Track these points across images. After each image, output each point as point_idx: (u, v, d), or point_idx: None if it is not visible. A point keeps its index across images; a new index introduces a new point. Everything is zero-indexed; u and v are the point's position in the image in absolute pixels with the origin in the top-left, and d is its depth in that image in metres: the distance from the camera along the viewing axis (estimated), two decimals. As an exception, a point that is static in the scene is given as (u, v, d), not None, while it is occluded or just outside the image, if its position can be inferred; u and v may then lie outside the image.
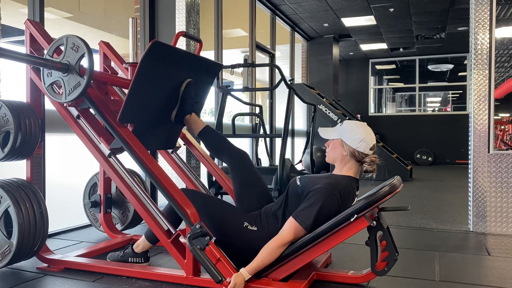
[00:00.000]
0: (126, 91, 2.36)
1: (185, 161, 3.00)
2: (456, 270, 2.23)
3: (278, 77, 5.28)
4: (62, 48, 1.96)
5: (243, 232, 1.95)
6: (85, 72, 1.88)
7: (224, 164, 4.70)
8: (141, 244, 2.18)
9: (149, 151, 2.10)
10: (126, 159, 2.23)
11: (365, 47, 9.79)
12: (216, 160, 4.86)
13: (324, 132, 2.00)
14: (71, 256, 2.26)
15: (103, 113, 2.03)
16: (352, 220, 1.73)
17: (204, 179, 3.20)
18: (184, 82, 2.20)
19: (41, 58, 1.91)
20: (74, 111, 2.18)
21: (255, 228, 1.95)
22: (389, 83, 12.35)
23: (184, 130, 2.68)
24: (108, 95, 2.54)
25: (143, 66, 1.94)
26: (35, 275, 2.11)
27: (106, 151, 2.10)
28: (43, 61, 1.89)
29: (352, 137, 1.88)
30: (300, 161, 5.27)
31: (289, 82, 3.49)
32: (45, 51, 2.00)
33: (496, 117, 3.10)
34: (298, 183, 1.92)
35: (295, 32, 8.23)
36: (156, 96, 2.10)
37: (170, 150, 2.66)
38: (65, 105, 2.15)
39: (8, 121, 2.07)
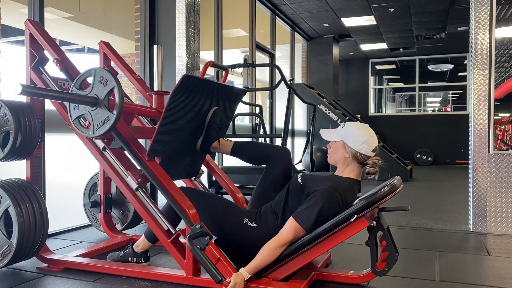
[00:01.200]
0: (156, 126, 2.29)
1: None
2: (456, 270, 2.23)
3: (278, 77, 5.28)
4: (90, 80, 1.89)
5: (243, 228, 1.95)
6: (114, 106, 1.83)
7: (225, 164, 4.70)
8: (141, 244, 2.18)
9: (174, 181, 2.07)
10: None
11: (365, 47, 9.79)
12: (216, 160, 4.86)
13: (326, 133, 2.00)
14: (71, 256, 2.26)
15: (133, 150, 1.98)
16: (352, 220, 1.73)
17: (204, 179, 3.19)
18: (210, 111, 2.16)
19: (68, 93, 1.84)
20: (100, 144, 2.13)
21: (255, 225, 1.94)
22: (389, 83, 12.35)
23: (208, 157, 2.61)
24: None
25: (173, 99, 1.89)
26: (35, 275, 2.11)
27: (134, 185, 2.05)
28: (71, 96, 1.83)
29: (354, 139, 1.88)
30: (300, 161, 5.27)
31: (289, 82, 3.49)
32: (72, 84, 1.92)
33: (496, 117, 3.10)
34: (299, 181, 1.92)
35: (295, 32, 8.23)
36: (183, 127, 2.05)
37: (193, 178, 2.61)
38: (91, 138, 2.09)
39: (8, 121, 2.07)
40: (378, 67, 11.47)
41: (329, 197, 1.79)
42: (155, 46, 2.31)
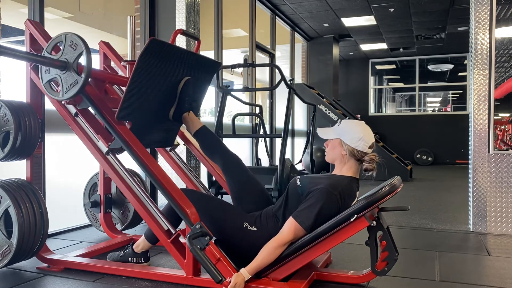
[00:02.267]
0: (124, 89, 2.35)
1: (185, 161, 3.00)
2: (456, 270, 2.23)
3: (278, 77, 5.27)
4: (61, 46, 1.96)
5: (243, 232, 1.95)
6: (83, 70, 1.88)
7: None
8: (141, 244, 2.18)
9: (147, 149, 2.10)
10: (126, 160, 2.23)
11: (365, 47, 9.79)
12: (216, 160, 4.86)
13: (322, 132, 2.00)
14: (71, 256, 2.26)
15: (101, 111, 2.03)
16: (352, 220, 1.73)
17: (204, 179, 3.19)
18: (182, 80, 2.20)
19: (39, 56, 1.91)
20: (72, 109, 2.17)
21: (255, 229, 1.94)
22: (389, 83, 12.35)
23: (183, 129, 2.68)
24: (108, 94, 2.54)
25: (141, 63, 1.94)
26: (35, 275, 2.11)
27: (104, 149, 2.09)
28: (41, 58, 1.90)
29: (350, 136, 1.88)
30: (300, 161, 5.26)
31: (289, 82, 3.49)
32: (44, 50, 2.00)
33: (496, 117, 3.10)
34: (298, 183, 1.92)
35: (295, 32, 8.23)
36: (154, 93, 2.10)
37: (168, 148, 2.65)
38: (63, 102, 2.15)
39: (8, 121, 2.07)
40: (378, 67, 11.47)
41: (328, 196, 1.79)
42: (128, 17, 2.34)
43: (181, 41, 3.88)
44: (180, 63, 2.16)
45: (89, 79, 1.93)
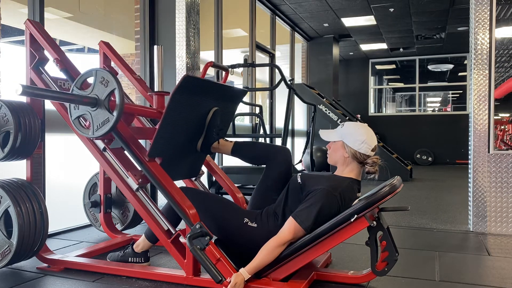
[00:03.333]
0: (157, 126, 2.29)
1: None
2: (456, 270, 2.23)
3: (278, 77, 5.28)
4: (90, 80, 1.89)
5: (243, 228, 1.95)
6: (114, 107, 1.82)
7: (225, 164, 4.70)
8: (141, 243, 2.18)
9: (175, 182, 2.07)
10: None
11: (365, 47, 9.79)
12: (216, 160, 4.86)
13: (325, 134, 2.00)
14: (71, 256, 2.26)
15: (134, 150, 1.98)
16: (352, 220, 1.73)
17: (204, 179, 3.19)
18: (211, 111, 2.15)
19: (69, 94, 1.83)
20: (100, 144, 2.12)
21: (255, 225, 1.94)
22: (389, 83, 12.35)
23: (209, 158, 2.61)
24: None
25: (174, 100, 1.89)
26: (35, 275, 2.11)
27: (134, 186, 2.04)
28: (72, 96, 1.82)
29: (353, 138, 1.88)
30: (300, 161, 5.27)
31: (289, 82, 3.49)
32: (72, 84, 1.91)
33: (496, 117, 3.10)
34: (299, 180, 1.92)
35: (295, 32, 8.23)
36: (183, 127, 2.05)
37: (193, 178, 2.61)
38: (92, 139, 2.09)
39: (8, 121, 2.07)
40: (378, 67, 11.47)
41: (328, 196, 1.79)
42: (155, 47, 2.31)
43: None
44: (210, 96, 2.13)
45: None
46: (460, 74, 10.96)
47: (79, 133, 1.93)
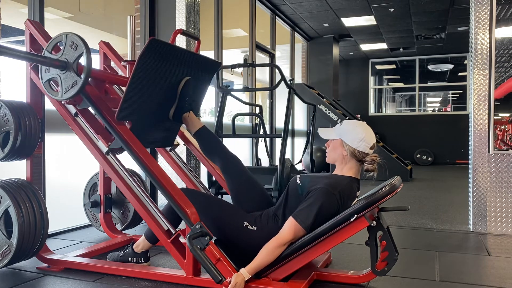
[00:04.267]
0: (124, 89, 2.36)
1: (185, 161, 3.00)
2: (456, 270, 2.23)
3: (278, 77, 5.27)
4: (61, 46, 1.96)
5: (243, 231, 1.95)
6: (82, 70, 1.88)
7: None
8: (141, 244, 2.18)
9: (147, 149, 2.10)
10: (127, 160, 2.23)
11: (365, 47, 9.79)
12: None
13: (323, 132, 2.00)
14: (71, 256, 2.26)
15: (101, 111, 2.03)
16: (352, 220, 1.73)
17: (204, 179, 3.19)
18: (182, 80, 2.20)
19: (39, 56, 1.91)
20: (72, 109, 2.17)
21: (255, 228, 1.95)
22: (389, 83, 12.35)
23: (183, 128, 2.68)
24: (108, 94, 2.54)
25: (141, 63, 1.94)
26: (35, 275, 2.11)
27: (104, 149, 2.09)
28: (41, 58, 1.90)
29: (352, 136, 1.88)
30: (300, 161, 5.26)
31: (289, 82, 3.49)
32: (44, 48, 2.00)
33: (496, 117, 3.10)
34: (298, 182, 1.92)
35: (295, 32, 8.23)
36: (154, 93, 2.09)
37: (168, 148, 2.65)
38: (63, 102, 2.15)
39: (8, 121, 2.07)
40: (378, 67, 11.47)
41: (328, 195, 1.79)
42: None
43: (181, 41, 3.88)
44: (180, 63, 2.16)
45: (89, 79, 1.93)
46: (460, 74, 10.96)
47: (50, 96, 2.01)
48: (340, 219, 1.75)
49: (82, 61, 1.90)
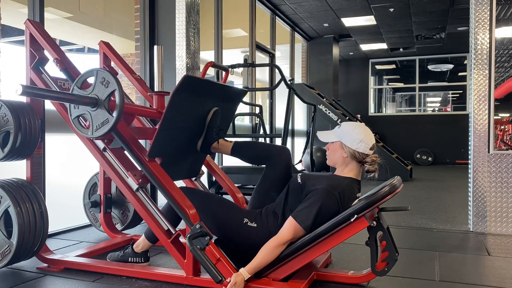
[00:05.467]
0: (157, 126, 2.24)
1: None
2: (456, 270, 2.23)
3: (278, 77, 5.27)
4: (91, 80, 1.88)
5: (243, 228, 1.95)
6: (114, 107, 1.81)
7: (225, 164, 4.70)
8: (141, 243, 2.18)
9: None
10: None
11: (365, 47, 9.79)
12: (216, 160, 4.86)
13: (323, 135, 2.00)
14: (71, 256, 2.26)
15: (134, 151, 1.98)
16: (352, 220, 1.73)
17: (204, 179, 3.19)
18: (211, 112, 2.15)
19: (69, 94, 1.82)
20: (100, 144, 2.12)
21: (255, 225, 1.95)
22: (389, 83, 12.35)
23: (209, 158, 2.61)
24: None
25: (174, 100, 1.89)
26: (35, 275, 2.11)
27: (135, 186, 2.04)
28: (72, 96, 1.82)
29: (351, 138, 1.88)
30: (300, 161, 5.27)
31: (289, 82, 3.49)
32: (73, 84, 1.91)
33: (496, 117, 3.10)
34: (299, 180, 1.92)
35: (295, 32, 8.23)
36: (183, 127, 2.05)
37: (193, 178, 2.61)
38: (92, 139, 2.09)
39: (8, 121, 2.07)
40: (378, 67, 11.47)
41: (328, 196, 1.79)
42: (155, 47, 2.31)
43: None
44: (210, 96, 2.12)
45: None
46: (460, 74, 10.96)
47: (79, 133, 1.93)
48: (340, 219, 1.75)
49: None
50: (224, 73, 2.62)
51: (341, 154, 1.91)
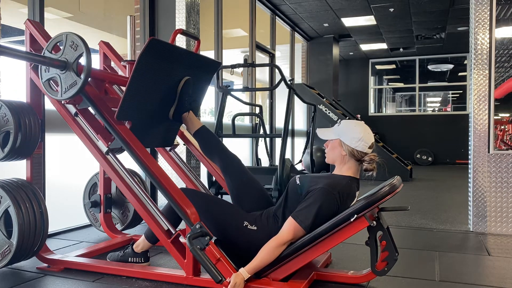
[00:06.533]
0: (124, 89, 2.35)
1: (185, 161, 3.00)
2: (456, 270, 2.23)
3: (278, 77, 5.28)
4: (61, 45, 1.96)
5: (243, 231, 1.95)
6: (82, 70, 1.88)
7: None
8: (141, 244, 2.18)
9: (147, 149, 2.10)
10: (126, 159, 2.23)
11: (365, 47, 9.79)
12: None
13: (322, 133, 2.00)
14: (71, 256, 2.27)
15: (101, 111, 2.03)
16: (352, 220, 1.73)
17: (204, 179, 3.19)
18: (182, 80, 2.21)
19: (39, 55, 1.91)
20: (72, 109, 2.17)
21: (255, 228, 1.95)
22: (389, 83, 12.35)
23: (183, 128, 2.68)
24: (108, 94, 2.54)
25: (140, 63, 1.94)
26: (35, 275, 2.11)
27: (104, 149, 2.09)
28: (41, 58, 1.89)
29: (350, 136, 1.89)
30: (300, 161, 5.26)
31: (289, 82, 3.49)
32: (44, 48, 2.00)
33: (496, 117, 3.10)
34: (298, 182, 1.92)
35: (295, 32, 8.23)
36: (154, 93, 2.10)
37: (168, 148, 2.65)
38: (62, 102, 2.15)
39: (8, 121, 2.07)
40: (378, 67, 11.47)
41: (327, 195, 1.79)
42: None
43: (181, 41, 3.89)
44: (180, 63, 2.16)
45: (89, 79, 1.93)
46: (460, 74, 10.96)
47: (49, 95, 2.01)
48: (340, 219, 1.75)
49: (82, 61, 1.90)
50: (195, 43, 2.62)
51: (340, 152, 1.91)
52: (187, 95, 2.20)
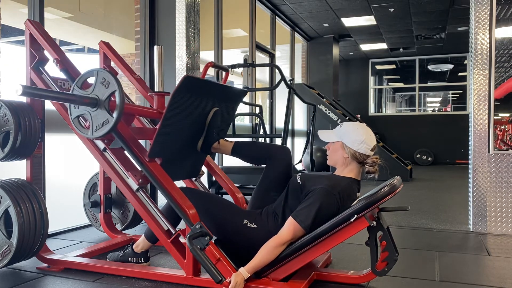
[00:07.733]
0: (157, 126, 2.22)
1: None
2: (456, 270, 2.23)
3: (278, 77, 5.28)
4: (91, 81, 1.87)
5: (243, 229, 1.95)
6: (114, 108, 1.81)
7: (225, 164, 4.70)
8: (141, 244, 2.18)
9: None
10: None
11: (365, 47, 9.79)
12: (216, 160, 4.86)
13: (324, 135, 2.00)
14: (71, 256, 2.27)
15: (134, 151, 1.98)
16: (352, 220, 1.73)
17: (204, 179, 3.19)
18: (211, 112, 2.15)
19: (69, 94, 1.81)
20: (101, 145, 2.11)
21: (255, 226, 1.95)
22: (389, 83, 12.35)
23: (209, 158, 2.62)
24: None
25: (174, 101, 1.89)
26: (35, 275, 2.11)
27: (135, 186, 2.04)
28: (72, 97, 1.81)
29: (352, 139, 1.88)
30: (300, 161, 5.27)
31: (289, 82, 3.49)
32: (73, 84, 1.89)
33: (496, 117, 3.10)
34: (298, 180, 1.92)
35: (295, 32, 8.23)
36: (183, 127, 2.05)
37: (194, 178, 2.61)
38: (92, 139, 2.08)
39: (8, 121, 2.07)
40: (378, 67, 11.47)
41: (327, 196, 1.79)
42: (155, 47, 2.31)
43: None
44: (209, 96, 2.12)
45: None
46: (460, 74, 10.96)
47: (79, 133, 1.93)
48: (340, 219, 1.75)
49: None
50: (224, 73, 2.62)
51: (342, 155, 1.91)
52: (215, 126, 2.15)
